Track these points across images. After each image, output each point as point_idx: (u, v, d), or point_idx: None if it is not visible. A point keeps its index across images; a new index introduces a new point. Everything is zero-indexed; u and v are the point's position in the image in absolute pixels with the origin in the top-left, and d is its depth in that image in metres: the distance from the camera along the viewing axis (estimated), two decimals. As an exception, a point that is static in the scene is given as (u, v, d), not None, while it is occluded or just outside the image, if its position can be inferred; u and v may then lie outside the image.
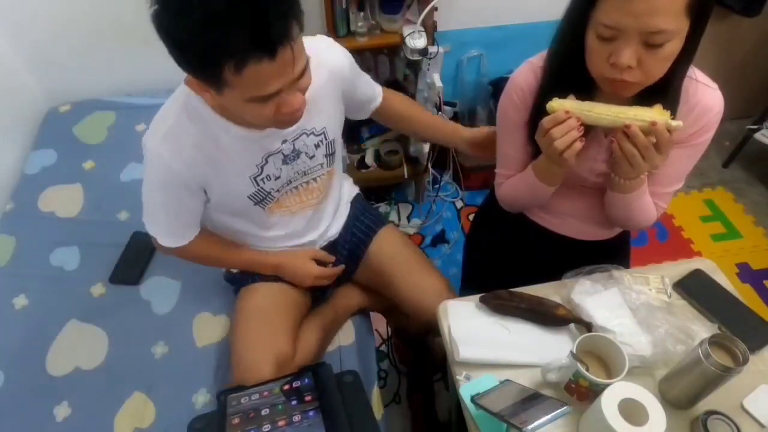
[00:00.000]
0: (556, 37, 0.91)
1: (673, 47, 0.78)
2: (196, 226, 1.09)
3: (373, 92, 1.21)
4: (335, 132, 1.09)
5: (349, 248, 1.29)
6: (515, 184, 1.09)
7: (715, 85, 0.91)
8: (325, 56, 1.00)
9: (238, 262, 1.18)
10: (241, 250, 1.17)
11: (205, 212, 1.07)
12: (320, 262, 1.22)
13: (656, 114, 0.81)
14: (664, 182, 0.99)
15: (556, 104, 0.86)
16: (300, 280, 1.19)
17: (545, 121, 0.88)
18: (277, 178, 1.03)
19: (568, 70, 0.88)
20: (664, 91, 0.85)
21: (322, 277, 1.22)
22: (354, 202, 1.31)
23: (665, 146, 0.83)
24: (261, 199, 1.04)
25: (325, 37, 1.06)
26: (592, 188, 1.05)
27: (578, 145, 0.86)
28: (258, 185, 1.01)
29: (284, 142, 0.99)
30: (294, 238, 1.18)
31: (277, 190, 1.05)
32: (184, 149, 0.91)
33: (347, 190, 1.31)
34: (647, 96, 0.85)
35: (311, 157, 1.05)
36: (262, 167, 0.99)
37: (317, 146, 1.05)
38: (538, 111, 0.96)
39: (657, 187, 0.99)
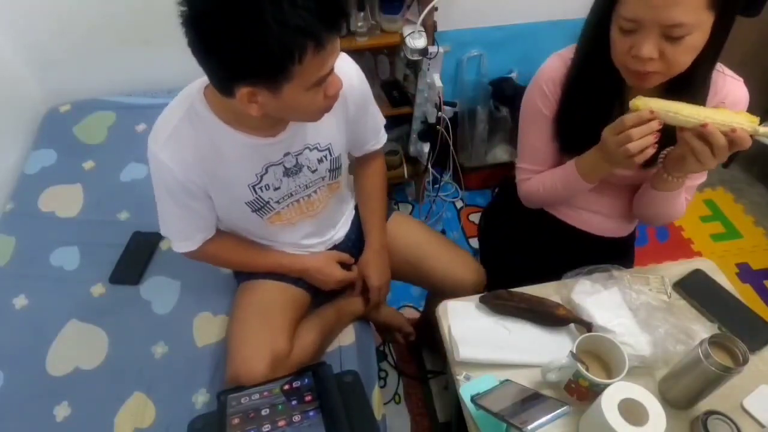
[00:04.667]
0: (583, 32, 0.92)
1: (694, 40, 0.78)
2: (208, 229, 1.08)
3: (375, 135, 1.20)
4: (341, 148, 1.08)
5: (363, 248, 1.28)
6: (548, 180, 1.07)
7: (740, 78, 0.93)
8: (341, 68, 0.96)
9: (263, 266, 1.17)
10: (266, 254, 1.17)
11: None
12: (343, 265, 1.23)
13: (744, 119, 0.79)
14: (694, 175, 0.99)
15: (640, 102, 0.81)
16: (324, 283, 1.21)
17: (627, 119, 0.82)
18: (277, 188, 1.02)
19: (596, 63, 0.89)
20: (690, 83, 0.86)
21: (345, 281, 1.23)
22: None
23: (738, 148, 0.80)
24: (259, 207, 1.03)
25: (345, 54, 1.02)
26: (616, 185, 1.06)
27: (651, 150, 0.82)
28: (256, 193, 1.01)
29: (286, 154, 0.99)
30: (297, 246, 1.19)
31: (277, 202, 1.05)
32: (185, 153, 0.91)
33: (350, 196, 1.30)
34: (673, 88, 0.86)
35: (313, 171, 1.05)
36: (261, 176, 0.99)
37: (321, 161, 1.05)
38: (565, 104, 0.97)
39: (687, 180, 0.98)
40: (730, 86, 0.91)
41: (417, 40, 1.63)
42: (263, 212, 1.05)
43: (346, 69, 1.00)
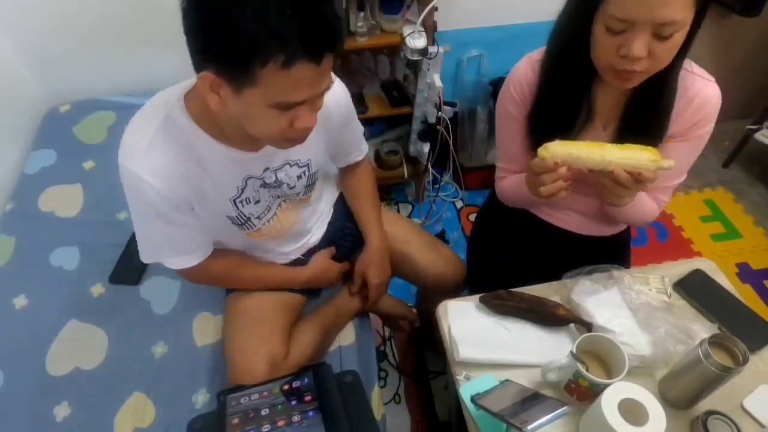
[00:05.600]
0: (555, 32, 0.91)
1: (680, 37, 0.79)
2: (208, 244, 1.03)
3: (358, 147, 1.20)
4: (319, 164, 1.07)
5: (349, 246, 1.29)
6: (513, 185, 1.10)
7: (712, 78, 0.92)
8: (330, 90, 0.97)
9: (268, 284, 1.16)
10: (270, 273, 1.17)
11: None
12: (334, 257, 1.26)
13: (647, 156, 0.82)
14: (665, 176, 0.99)
15: (546, 153, 0.87)
16: (329, 282, 1.24)
17: (533, 166, 0.89)
18: (257, 202, 1.00)
19: (568, 63, 0.89)
20: (663, 84, 0.86)
21: (343, 271, 1.27)
22: (336, 204, 1.30)
23: (649, 184, 0.85)
24: (242, 223, 1.01)
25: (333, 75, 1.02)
26: (593, 185, 1.06)
27: (564, 193, 0.89)
28: (238, 208, 0.98)
29: (266, 170, 0.97)
30: (275, 255, 1.18)
31: (258, 217, 1.02)
32: (166, 166, 0.85)
33: (328, 197, 1.28)
34: (646, 88, 0.86)
35: (292, 187, 1.04)
36: (242, 189, 0.96)
37: (299, 177, 1.04)
38: (535, 105, 0.97)
39: (658, 181, 0.99)
40: (699, 85, 0.91)
41: (417, 40, 1.63)
42: (245, 228, 1.03)
43: (335, 88, 0.96)
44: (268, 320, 1.13)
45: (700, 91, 0.90)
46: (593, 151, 0.85)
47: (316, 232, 1.25)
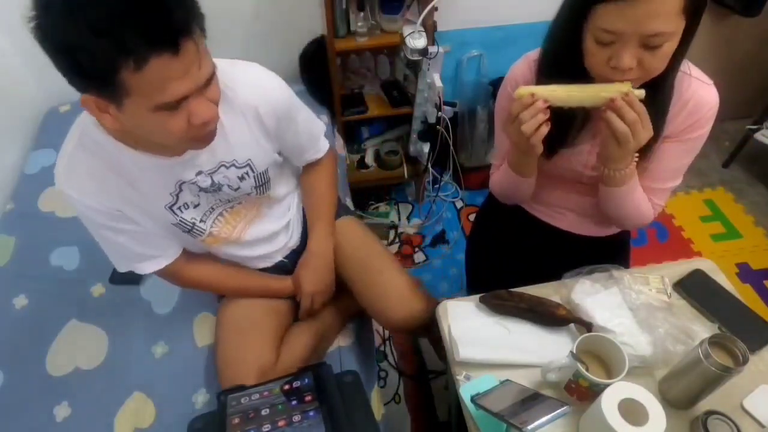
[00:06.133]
0: (549, 36, 0.91)
1: (671, 46, 0.78)
2: (169, 245, 1.03)
3: (313, 144, 1.14)
4: (266, 162, 1.01)
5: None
6: (501, 175, 1.11)
7: (710, 81, 0.91)
8: (252, 82, 0.94)
9: (249, 290, 1.15)
10: (250, 281, 1.15)
11: None
12: None
13: (619, 87, 0.81)
14: (659, 177, 0.99)
15: (523, 91, 0.86)
16: (322, 285, 1.18)
17: (513, 108, 0.88)
18: (197, 206, 0.97)
19: (563, 66, 0.89)
20: (658, 87, 0.86)
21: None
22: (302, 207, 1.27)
23: (645, 118, 0.83)
24: (188, 230, 0.99)
25: (258, 65, 0.98)
26: (589, 184, 1.06)
27: (545, 129, 0.86)
28: (177, 215, 0.96)
29: (199, 173, 0.92)
30: (250, 259, 1.16)
31: (202, 221, 1.00)
32: (87, 182, 0.86)
33: (297, 200, 1.24)
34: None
35: (236, 189, 0.99)
36: (177, 195, 0.93)
37: (242, 178, 0.98)
38: None
39: (651, 181, 0.99)
40: (695, 88, 0.90)
41: (417, 40, 1.63)
42: (194, 234, 1.01)
43: (262, 81, 0.96)
44: (257, 328, 1.12)
45: (696, 94, 0.90)
46: (564, 86, 0.85)
47: (293, 234, 1.22)
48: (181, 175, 0.92)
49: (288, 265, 1.22)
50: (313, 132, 1.14)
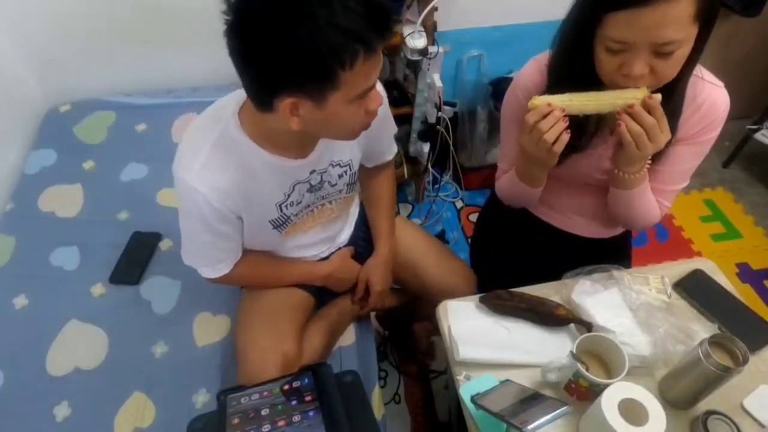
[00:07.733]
0: (558, 42, 0.90)
1: (683, 52, 0.78)
2: (238, 250, 1.06)
3: (390, 146, 1.20)
4: (358, 162, 1.09)
5: (361, 250, 1.28)
6: (507, 182, 1.10)
7: (721, 84, 0.92)
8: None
9: (288, 279, 1.17)
10: (289, 267, 1.16)
11: None
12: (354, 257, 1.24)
13: (635, 93, 0.81)
14: (669, 180, 0.99)
15: (538, 101, 0.86)
16: (344, 283, 1.22)
17: (529, 117, 0.87)
18: (299, 203, 1.03)
19: (574, 74, 0.88)
20: (671, 91, 0.86)
21: (358, 272, 1.24)
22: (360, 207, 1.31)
23: (664, 121, 0.82)
24: (281, 224, 1.04)
25: None
26: (596, 186, 1.06)
27: (566, 137, 0.86)
28: (281, 211, 1.01)
29: (312, 172, 0.99)
30: (305, 249, 1.18)
31: (296, 215, 1.05)
32: (221, 180, 0.89)
33: (357, 200, 1.30)
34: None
35: (333, 185, 1.06)
36: (288, 195, 0.99)
37: (341, 176, 1.06)
38: None
39: (661, 184, 0.99)
40: (709, 91, 0.90)
41: (417, 40, 1.63)
42: (283, 227, 1.05)
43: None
44: (284, 319, 1.12)
45: (709, 98, 0.90)
46: (580, 94, 0.85)
47: (345, 231, 1.25)
48: (297, 176, 0.98)
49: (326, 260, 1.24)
50: (392, 134, 1.18)
